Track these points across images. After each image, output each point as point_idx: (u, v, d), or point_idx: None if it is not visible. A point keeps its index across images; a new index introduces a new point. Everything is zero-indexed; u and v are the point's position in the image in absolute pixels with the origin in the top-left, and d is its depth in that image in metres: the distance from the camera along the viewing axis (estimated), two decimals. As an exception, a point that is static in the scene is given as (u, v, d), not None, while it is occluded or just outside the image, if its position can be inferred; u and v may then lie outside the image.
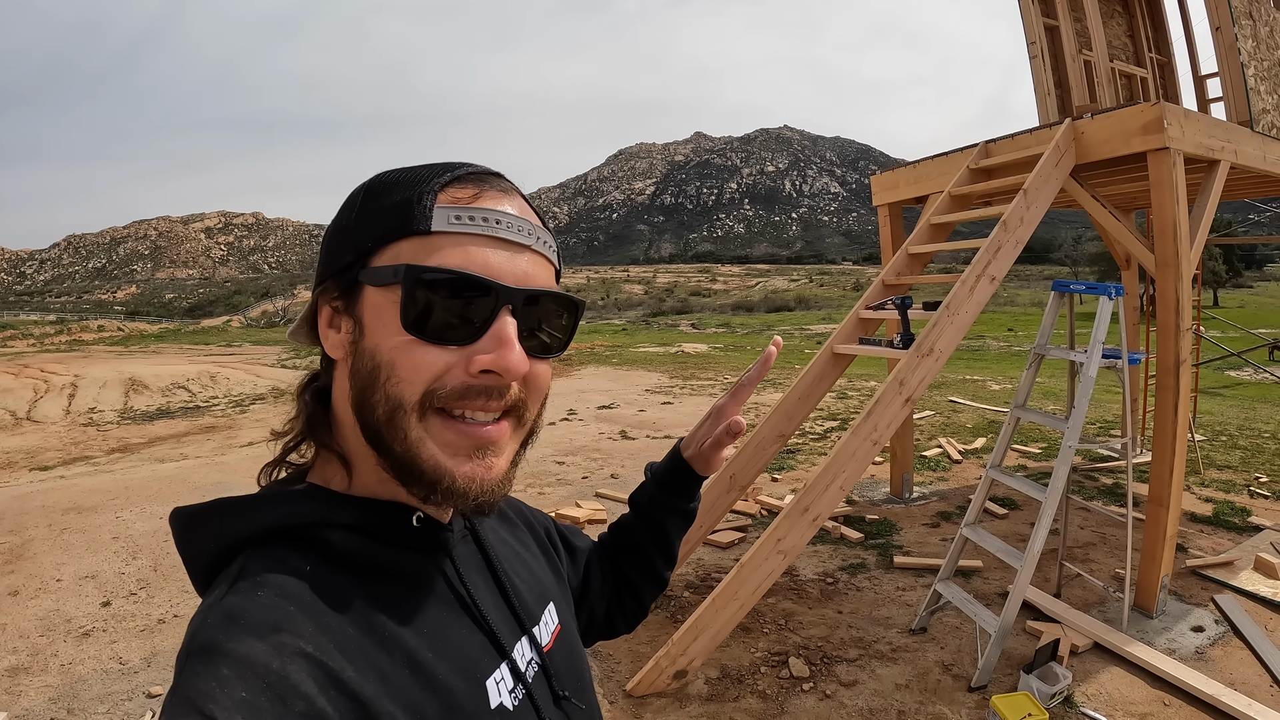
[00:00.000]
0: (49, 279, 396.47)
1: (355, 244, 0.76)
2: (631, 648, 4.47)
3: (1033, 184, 4.46)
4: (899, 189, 6.61)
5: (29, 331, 42.08)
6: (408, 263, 0.72)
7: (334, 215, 0.81)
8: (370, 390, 0.74)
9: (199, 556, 0.74)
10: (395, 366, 0.73)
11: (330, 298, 0.79)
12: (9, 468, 11.10)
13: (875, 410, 4.06)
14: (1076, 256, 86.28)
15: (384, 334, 0.73)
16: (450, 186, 0.76)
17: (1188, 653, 4.16)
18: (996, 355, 25.17)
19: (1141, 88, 6.39)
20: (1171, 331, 4.36)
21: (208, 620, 0.64)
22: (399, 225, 0.74)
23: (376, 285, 0.74)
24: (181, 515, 0.76)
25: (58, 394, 18.84)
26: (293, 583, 0.69)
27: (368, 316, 0.75)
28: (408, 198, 0.74)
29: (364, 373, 0.74)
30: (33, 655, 4.70)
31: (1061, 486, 4.07)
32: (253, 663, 0.60)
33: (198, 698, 0.58)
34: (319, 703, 0.61)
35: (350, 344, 0.77)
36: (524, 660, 0.87)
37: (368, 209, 0.77)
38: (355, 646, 0.68)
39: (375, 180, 0.79)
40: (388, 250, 0.74)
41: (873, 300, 5.14)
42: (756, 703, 3.87)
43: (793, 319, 55.19)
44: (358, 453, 0.79)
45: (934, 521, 6.44)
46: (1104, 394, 12.79)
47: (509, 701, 0.81)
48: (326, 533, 0.74)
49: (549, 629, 0.95)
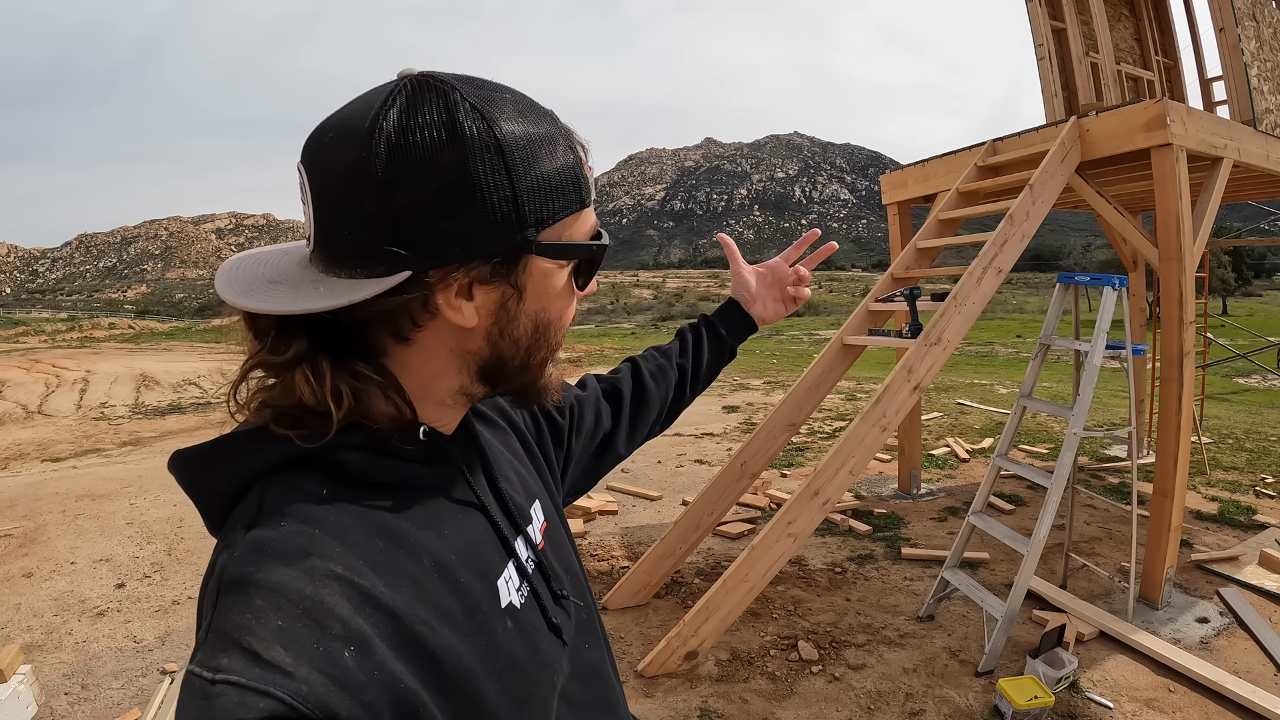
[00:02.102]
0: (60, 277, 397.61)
1: (523, 222, 0.73)
2: (642, 630, 4.54)
3: (1038, 179, 4.53)
4: (908, 187, 6.67)
5: (41, 328, 42.25)
6: (574, 239, 0.79)
7: (443, 165, 0.68)
8: (534, 347, 0.82)
9: (211, 496, 0.73)
10: (563, 321, 0.84)
11: (471, 273, 0.74)
12: (21, 459, 11.18)
13: (884, 397, 4.12)
14: (1085, 264, 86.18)
15: (552, 297, 0.81)
16: (577, 146, 0.80)
17: (1192, 642, 4.21)
18: (1005, 361, 25.19)
19: (1148, 90, 6.45)
20: (1175, 324, 4.42)
21: (235, 554, 0.65)
22: (575, 201, 0.77)
23: (556, 258, 0.78)
24: (185, 457, 0.75)
25: (69, 389, 18.94)
26: (313, 507, 0.69)
27: (534, 284, 0.78)
28: (576, 173, 0.77)
29: (519, 334, 0.80)
30: (47, 634, 4.78)
31: (1067, 474, 4.12)
32: (286, 590, 0.61)
33: (234, 630, 0.58)
34: (354, 623, 0.62)
35: (498, 309, 0.77)
36: (525, 559, 0.90)
37: (527, 182, 0.72)
38: (384, 559, 0.70)
39: (507, 139, 0.71)
40: (560, 225, 0.77)
41: (882, 293, 5.20)
42: (766, 683, 3.94)
43: (802, 324, 55.20)
44: (426, 389, 0.81)
45: (941, 516, 6.50)
46: (1111, 397, 12.82)
47: (517, 600, 0.84)
48: (341, 454, 0.74)
49: (537, 527, 0.98)
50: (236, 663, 0.56)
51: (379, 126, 0.67)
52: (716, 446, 9.65)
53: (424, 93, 0.69)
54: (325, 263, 0.72)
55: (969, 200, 5.46)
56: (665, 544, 4.88)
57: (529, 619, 0.85)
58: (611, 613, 4.79)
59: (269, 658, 0.56)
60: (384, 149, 0.67)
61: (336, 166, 0.69)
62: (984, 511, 4.56)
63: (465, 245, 0.71)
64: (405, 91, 0.69)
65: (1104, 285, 4.29)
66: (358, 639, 0.61)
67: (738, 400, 13.33)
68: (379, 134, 0.67)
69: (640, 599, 4.92)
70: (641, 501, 7.27)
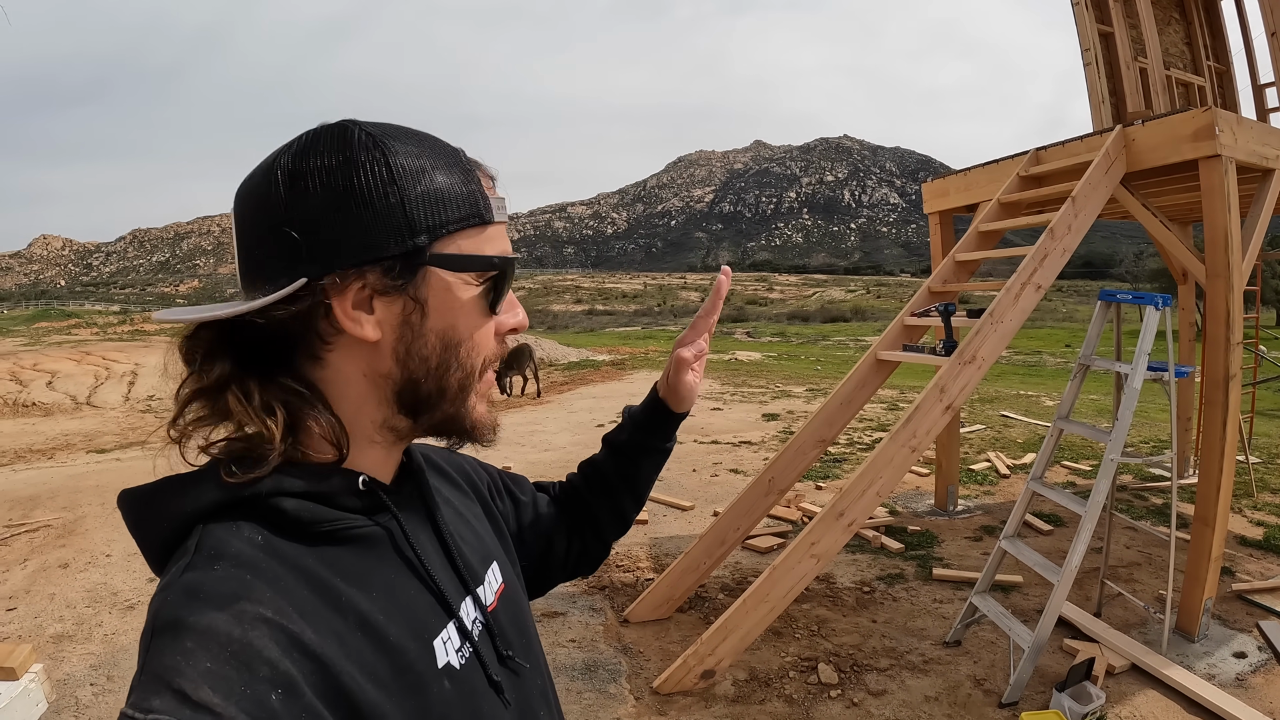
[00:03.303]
0: (114, 271, 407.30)
1: (414, 229, 0.76)
2: (662, 646, 4.47)
3: (1081, 191, 4.38)
4: (949, 196, 6.53)
5: (93, 320, 43.18)
6: (472, 252, 0.80)
7: (333, 184, 0.74)
8: (443, 366, 0.81)
9: (152, 536, 0.75)
10: (475, 342, 0.83)
11: (366, 280, 0.76)
12: (67, 449, 11.42)
13: (914, 417, 4.01)
14: (1137, 272, 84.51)
15: (458, 314, 0.81)
16: (480, 172, 0.84)
17: (1228, 679, 4.04)
18: (1052, 371, 24.69)
19: (1198, 97, 6.24)
20: (1221, 344, 4.25)
21: (169, 598, 0.66)
22: (472, 214, 0.80)
23: (453, 269, 0.79)
24: (130, 497, 0.77)
25: (118, 381, 19.25)
26: (247, 552, 0.70)
27: (436, 298, 0.79)
28: (472, 190, 0.81)
29: (427, 352, 0.80)
30: (78, 624, 4.87)
31: (1102, 500, 3.98)
32: (215, 633, 0.62)
33: (165, 673, 0.59)
34: (283, 665, 0.63)
35: (400, 324, 0.79)
36: (470, 620, 0.88)
37: (416, 193, 0.76)
38: (312, 609, 0.70)
39: (398, 158, 0.76)
40: (457, 236, 0.80)
41: (918, 307, 5.09)
42: (782, 706, 3.85)
43: (849, 329, 54.69)
44: (363, 426, 0.83)
45: (977, 535, 6.34)
46: (1160, 412, 12.48)
47: (456, 660, 0.82)
48: (280, 501, 0.74)
49: (492, 588, 0.97)
50: (167, 704, 0.57)
51: (280, 161, 0.75)
52: (754, 455, 9.52)
53: (326, 130, 0.77)
54: (246, 288, 0.77)
55: (1011, 211, 5.32)
56: (690, 558, 4.81)
57: (469, 680, 0.83)
58: (633, 626, 4.74)
59: (198, 698, 0.58)
60: (282, 177, 0.74)
61: (249, 200, 0.77)
62: (1017, 536, 4.42)
63: (354, 248, 0.74)
64: (310, 133, 0.77)
65: (1147, 304, 4.14)
66: (285, 682, 0.62)
67: (778, 408, 13.15)
68: (279, 166, 0.75)
69: (663, 613, 4.85)
70: (673, 511, 7.19)
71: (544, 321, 70.69)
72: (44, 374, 19.58)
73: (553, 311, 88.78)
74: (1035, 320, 48.89)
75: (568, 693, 4.01)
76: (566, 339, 34.56)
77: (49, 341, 30.27)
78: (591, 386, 16.97)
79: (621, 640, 4.57)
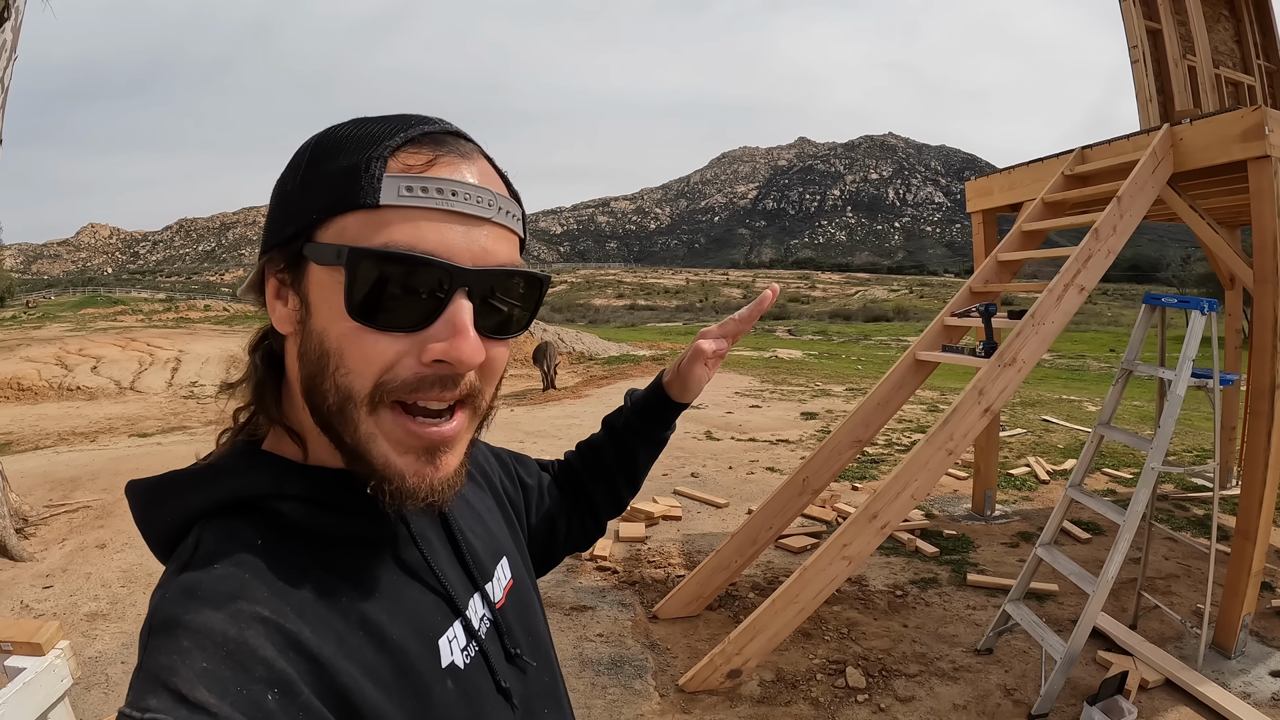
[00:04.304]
0: (160, 259, 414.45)
1: (299, 214, 0.70)
2: (690, 643, 4.46)
3: (1126, 191, 4.28)
4: (993, 195, 6.43)
5: (138, 307, 43.86)
6: (351, 243, 0.67)
7: (280, 174, 0.75)
8: (319, 378, 0.70)
9: (157, 530, 0.75)
10: (344, 356, 0.69)
11: (276, 269, 0.74)
12: (110, 432, 11.63)
13: (951, 419, 3.95)
14: (1184, 277, 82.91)
15: (331, 318, 0.69)
16: (402, 151, 0.70)
17: (1263, 698, 3.92)
18: (1096, 375, 24.28)
19: (1248, 96, 6.08)
20: (1268, 352, 4.12)
21: (166, 596, 0.65)
22: (344, 197, 0.68)
23: (321, 264, 0.69)
24: (138, 488, 0.77)
25: (161, 367, 19.59)
26: (246, 552, 0.69)
27: (314, 295, 0.70)
28: (355, 164, 0.68)
29: (312, 357, 0.71)
30: (112, 604, 4.97)
31: (1141, 510, 3.88)
32: (211, 632, 0.61)
33: (160, 672, 0.59)
34: (279, 665, 0.62)
35: (298, 322, 0.73)
36: (477, 617, 0.86)
37: (312, 174, 0.71)
38: (311, 609, 0.68)
39: (322, 138, 0.73)
40: (333, 224, 0.69)
41: (959, 307, 5.02)
42: (808, 709, 3.81)
43: (891, 329, 54.19)
44: (310, 427, 0.76)
45: (1014, 541, 6.24)
46: (1204, 420, 12.21)
47: (460, 660, 0.81)
48: (279, 504, 0.73)
49: (501, 585, 0.95)
50: (164, 703, 0.57)
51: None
52: (790, 454, 9.44)
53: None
54: None
55: (1055, 211, 5.22)
56: (721, 556, 4.79)
57: (473, 680, 0.82)
58: (661, 622, 4.73)
59: (194, 698, 0.57)
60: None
61: None
62: (1054, 543, 4.33)
63: (271, 232, 0.74)
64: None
65: (1192, 309, 4.04)
66: (282, 682, 0.61)
67: (817, 406, 13.03)
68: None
69: (692, 610, 4.83)
70: (707, 508, 7.16)
71: (585, 315, 70.80)
72: (89, 359, 19.96)
73: (594, 306, 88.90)
74: (1079, 323, 48.09)
75: (593, 687, 4.01)
76: (608, 333, 34.58)
77: (95, 327, 30.82)
78: (631, 381, 16.92)
79: (650, 636, 4.56)
